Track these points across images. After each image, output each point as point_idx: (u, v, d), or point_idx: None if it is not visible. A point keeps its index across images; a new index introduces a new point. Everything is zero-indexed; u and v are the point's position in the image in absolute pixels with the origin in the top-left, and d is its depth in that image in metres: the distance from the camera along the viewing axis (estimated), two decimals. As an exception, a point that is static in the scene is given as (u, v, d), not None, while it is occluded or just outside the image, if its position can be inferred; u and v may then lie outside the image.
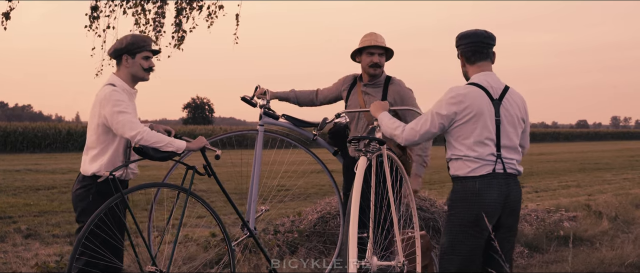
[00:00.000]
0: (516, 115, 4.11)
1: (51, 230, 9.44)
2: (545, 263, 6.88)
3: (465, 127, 4.03)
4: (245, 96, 5.60)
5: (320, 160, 5.87)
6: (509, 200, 4.05)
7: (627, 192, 15.34)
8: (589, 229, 8.31)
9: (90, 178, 4.56)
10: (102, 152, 4.57)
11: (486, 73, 4.18)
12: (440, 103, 4.11)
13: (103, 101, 4.50)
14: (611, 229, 8.53)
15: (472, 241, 4.02)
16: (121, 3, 9.66)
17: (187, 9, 9.94)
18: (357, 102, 5.54)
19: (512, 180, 4.08)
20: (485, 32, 4.21)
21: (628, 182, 19.17)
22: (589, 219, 8.86)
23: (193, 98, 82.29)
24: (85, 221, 4.43)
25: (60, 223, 10.20)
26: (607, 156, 36.65)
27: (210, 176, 4.93)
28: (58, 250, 7.98)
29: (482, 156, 4.00)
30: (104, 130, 4.55)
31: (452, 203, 4.12)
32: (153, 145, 4.44)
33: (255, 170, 5.46)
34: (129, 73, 4.68)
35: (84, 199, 4.56)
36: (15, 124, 42.07)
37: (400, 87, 5.49)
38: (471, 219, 3.99)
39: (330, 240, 6.98)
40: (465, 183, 4.05)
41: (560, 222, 8.66)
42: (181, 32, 10.04)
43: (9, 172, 20.48)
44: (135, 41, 4.66)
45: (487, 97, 4.04)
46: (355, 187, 3.78)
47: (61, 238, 8.89)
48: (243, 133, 5.87)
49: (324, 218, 7.33)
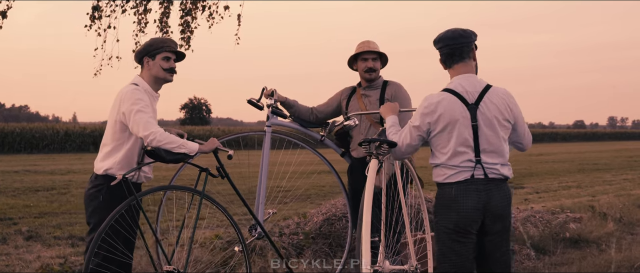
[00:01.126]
0: (495, 118, 3.94)
1: (52, 232, 9.38)
2: (553, 265, 6.82)
3: (441, 137, 3.95)
4: (252, 99, 5.54)
5: (327, 160, 5.81)
6: (491, 206, 3.91)
7: (628, 193, 15.31)
8: (594, 231, 8.25)
9: (102, 178, 4.54)
10: (115, 150, 4.56)
11: (462, 76, 4.03)
12: (416, 114, 4.06)
13: (123, 98, 4.51)
14: (617, 231, 8.48)
15: (459, 246, 3.93)
16: (122, 3, 9.60)
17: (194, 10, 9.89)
18: (358, 106, 5.62)
19: (494, 185, 3.93)
20: (460, 32, 4.04)
21: (628, 182, 19.12)
22: (594, 221, 8.80)
23: (190, 98, 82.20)
24: (94, 222, 4.45)
25: (61, 225, 10.14)
26: (606, 156, 36.64)
27: (224, 178, 4.89)
28: (60, 252, 7.93)
29: (459, 163, 3.91)
30: (121, 127, 4.55)
31: (435, 209, 4.07)
32: (165, 146, 4.41)
33: (263, 172, 5.41)
34: (150, 75, 4.71)
35: (94, 199, 4.54)
36: (12, 125, 41.97)
37: (397, 88, 5.62)
38: (451, 226, 3.92)
39: (337, 242, 6.93)
40: (443, 189, 3.99)
41: (566, 223, 8.61)
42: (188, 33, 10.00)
43: (7, 173, 20.41)
44: (154, 43, 4.71)
45: (460, 103, 3.91)
46: (367, 190, 3.72)
47: (62, 240, 8.83)
48: (250, 134, 5.80)
49: (330, 220, 7.28)
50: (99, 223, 4.35)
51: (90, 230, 4.58)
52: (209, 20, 10.00)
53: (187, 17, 9.96)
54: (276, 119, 5.55)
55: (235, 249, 5.37)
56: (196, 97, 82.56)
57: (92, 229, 4.54)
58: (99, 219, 4.44)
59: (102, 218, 4.31)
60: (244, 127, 70.11)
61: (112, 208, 4.28)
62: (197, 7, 9.92)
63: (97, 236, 4.14)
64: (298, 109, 5.77)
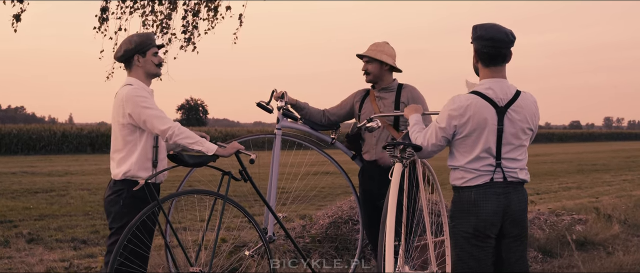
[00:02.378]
0: (521, 127, 3.87)
1: (54, 235, 9.33)
2: (560, 268, 6.78)
3: (466, 141, 3.86)
4: (261, 102, 5.48)
5: (337, 162, 5.76)
6: (510, 210, 3.85)
7: (629, 194, 15.34)
8: (600, 233, 8.20)
9: (121, 183, 4.48)
10: (129, 154, 4.49)
11: (494, 80, 3.90)
12: (442, 114, 3.94)
13: (125, 100, 4.44)
14: (622, 233, 8.44)
15: (477, 251, 3.87)
16: (131, 4, 9.51)
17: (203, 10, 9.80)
18: (371, 108, 5.51)
19: (513, 188, 3.87)
20: (507, 35, 3.88)
21: (628, 183, 19.15)
22: (599, 223, 8.76)
23: (187, 99, 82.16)
24: (116, 226, 4.43)
25: (62, 227, 10.10)
26: (603, 157, 36.74)
27: (246, 181, 4.83)
28: (63, 255, 7.89)
29: (480, 166, 3.84)
30: (130, 130, 4.48)
31: (452, 214, 3.99)
32: (183, 141, 4.38)
33: (273, 175, 5.36)
34: (143, 72, 4.64)
35: (115, 205, 4.49)
36: (9, 126, 41.87)
37: (412, 91, 5.52)
38: (470, 230, 3.85)
39: (343, 246, 6.88)
40: (462, 193, 3.92)
41: (572, 225, 8.56)
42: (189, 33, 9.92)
43: (5, 174, 20.35)
44: (143, 39, 4.64)
45: (489, 108, 3.82)
46: (391, 194, 3.66)
47: (65, 243, 8.78)
48: (260, 136, 5.74)
49: (336, 223, 7.22)
50: (122, 227, 4.32)
51: (111, 234, 4.53)
52: (212, 21, 9.91)
53: (195, 17, 9.88)
54: (286, 121, 5.49)
55: (245, 253, 5.32)
56: (193, 98, 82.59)
57: (114, 233, 4.49)
58: (121, 224, 4.40)
59: (128, 222, 4.27)
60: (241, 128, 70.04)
61: (134, 211, 4.27)
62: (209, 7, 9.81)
63: (121, 240, 4.12)
64: (309, 112, 5.69)
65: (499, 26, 3.89)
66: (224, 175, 4.71)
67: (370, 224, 5.60)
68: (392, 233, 3.50)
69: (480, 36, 3.88)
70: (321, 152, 5.76)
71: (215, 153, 4.48)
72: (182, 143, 4.39)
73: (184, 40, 9.97)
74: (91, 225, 10.38)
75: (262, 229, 5.29)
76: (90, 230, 9.84)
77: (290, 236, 5.27)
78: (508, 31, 3.89)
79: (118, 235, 4.33)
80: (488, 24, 3.92)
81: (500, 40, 3.85)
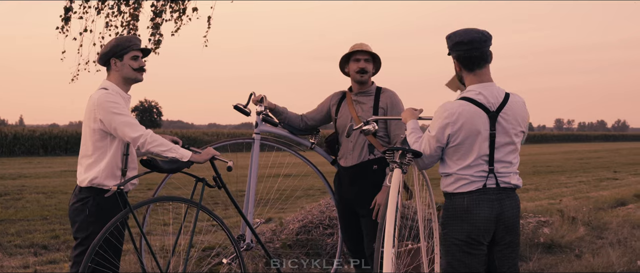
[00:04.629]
0: (513, 128, 3.83)
1: (12, 240, 9.03)
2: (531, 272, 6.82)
3: (459, 148, 3.80)
4: (239, 104, 5.36)
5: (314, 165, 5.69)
6: (503, 217, 3.80)
7: (586, 196, 15.59)
8: (566, 235, 8.30)
9: (87, 191, 4.31)
10: (98, 160, 4.33)
11: (484, 85, 3.84)
12: (435, 123, 3.86)
13: (97, 105, 4.28)
14: (587, 235, 8.56)
15: (469, 259, 3.81)
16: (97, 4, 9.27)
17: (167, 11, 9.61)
18: (348, 112, 5.39)
19: (505, 195, 3.83)
20: (482, 35, 3.78)
21: (584, 185, 19.48)
22: (565, 225, 8.86)
23: (141, 101, 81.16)
24: (82, 236, 4.25)
25: (20, 232, 9.79)
26: (556, 159, 37.40)
27: (221, 188, 4.71)
28: (24, 261, 7.64)
29: (473, 173, 3.79)
30: (101, 136, 4.33)
31: (444, 221, 3.92)
32: (156, 148, 4.23)
33: (252, 182, 5.26)
34: (120, 76, 4.47)
35: (80, 214, 4.31)
36: (-42, 128, 40.82)
37: (393, 95, 5.39)
38: (462, 237, 3.79)
39: (314, 251, 6.81)
40: (454, 199, 3.85)
41: (537, 228, 8.65)
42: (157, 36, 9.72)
43: (-45, 177, 19.76)
44: (120, 43, 4.46)
45: (481, 114, 3.76)
46: (390, 200, 3.59)
47: (24, 248, 8.51)
48: (238, 141, 5.62)
49: (306, 227, 7.16)
50: (88, 237, 4.17)
51: (77, 245, 4.34)
52: (177, 22, 9.72)
53: (158, 18, 9.67)
54: (265, 126, 5.39)
55: (223, 261, 5.21)
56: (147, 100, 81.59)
57: (80, 244, 4.31)
58: (88, 233, 4.23)
59: (93, 231, 4.12)
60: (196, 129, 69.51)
61: (102, 220, 4.11)
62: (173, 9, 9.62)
63: (91, 249, 3.95)
64: (287, 116, 5.57)
65: (473, 28, 3.86)
66: (197, 181, 4.59)
67: (346, 228, 5.54)
68: (391, 240, 3.44)
69: (460, 42, 3.82)
70: (297, 155, 5.68)
71: (191, 159, 4.36)
72: (155, 151, 4.24)
73: (153, 42, 9.76)
74: (50, 229, 10.10)
75: (239, 236, 5.19)
76: (49, 235, 9.55)
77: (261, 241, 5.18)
78: (483, 31, 3.85)
79: (84, 246, 4.19)
80: (461, 30, 3.87)
81: (480, 41, 3.80)
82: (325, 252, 6.82)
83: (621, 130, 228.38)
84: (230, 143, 5.50)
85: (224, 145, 5.27)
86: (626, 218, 10.27)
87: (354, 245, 5.49)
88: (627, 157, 39.78)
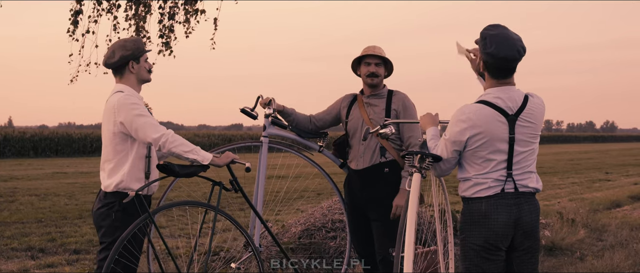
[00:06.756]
0: (532, 133, 3.79)
1: (9, 244, 8.94)
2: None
3: (477, 152, 3.75)
4: (246, 107, 5.32)
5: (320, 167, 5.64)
6: (522, 222, 3.73)
7: (580, 197, 15.61)
8: (566, 238, 8.30)
9: (112, 196, 4.28)
10: (120, 164, 4.30)
11: (502, 88, 3.77)
12: (452, 127, 3.80)
13: (118, 108, 4.25)
14: (587, 237, 8.56)
15: (487, 265, 3.75)
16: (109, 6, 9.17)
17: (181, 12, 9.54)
18: (360, 115, 5.35)
19: (524, 199, 3.76)
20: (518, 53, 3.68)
21: (577, 186, 19.51)
22: (565, 227, 8.86)
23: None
24: (108, 241, 4.25)
25: (16, 235, 9.69)
26: (548, 160, 37.49)
27: (237, 191, 4.67)
28: (21, 265, 7.56)
29: (491, 177, 3.73)
30: (121, 139, 4.30)
31: (462, 226, 3.87)
32: (177, 149, 4.20)
33: (260, 185, 5.21)
34: (136, 78, 4.47)
35: (106, 218, 4.29)
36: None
37: (405, 98, 5.35)
38: (480, 243, 3.73)
39: (317, 254, 6.77)
40: (471, 204, 3.79)
41: (538, 230, 8.64)
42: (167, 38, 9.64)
43: (-54, 179, 19.59)
44: (138, 45, 4.46)
45: (501, 117, 3.71)
46: (411, 205, 3.55)
47: (21, 251, 8.42)
48: (247, 144, 5.58)
49: (309, 230, 7.11)
50: (114, 242, 4.15)
51: (103, 249, 4.34)
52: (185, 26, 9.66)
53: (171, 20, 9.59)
54: (273, 129, 5.33)
55: (232, 266, 5.16)
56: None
57: (105, 248, 4.30)
58: (114, 237, 4.21)
59: (117, 236, 4.11)
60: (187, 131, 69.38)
61: (127, 224, 4.10)
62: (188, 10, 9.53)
63: (112, 254, 3.97)
64: (296, 118, 5.52)
65: (510, 40, 3.70)
66: (214, 185, 4.55)
67: (355, 231, 5.50)
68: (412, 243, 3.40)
69: (492, 54, 3.68)
70: (304, 157, 5.62)
71: (211, 163, 4.32)
72: (176, 151, 4.21)
73: (162, 44, 9.69)
74: (46, 232, 10.00)
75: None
76: (46, 238, 9.47)
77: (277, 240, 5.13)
78: (520, 47, 3.71)
79: (110, 250, 4.15)
80: (499, 36, 3.70)
81: (513, 60, 3.70)
82: (328, 255, 6.78)
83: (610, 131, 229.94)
84: (239, 146, 5.46)
85: (231, 149, 5.21)
86: (624, 220, 10.31)
87: (364, 248, 5.45)
88: (617, 158, 39.97)
